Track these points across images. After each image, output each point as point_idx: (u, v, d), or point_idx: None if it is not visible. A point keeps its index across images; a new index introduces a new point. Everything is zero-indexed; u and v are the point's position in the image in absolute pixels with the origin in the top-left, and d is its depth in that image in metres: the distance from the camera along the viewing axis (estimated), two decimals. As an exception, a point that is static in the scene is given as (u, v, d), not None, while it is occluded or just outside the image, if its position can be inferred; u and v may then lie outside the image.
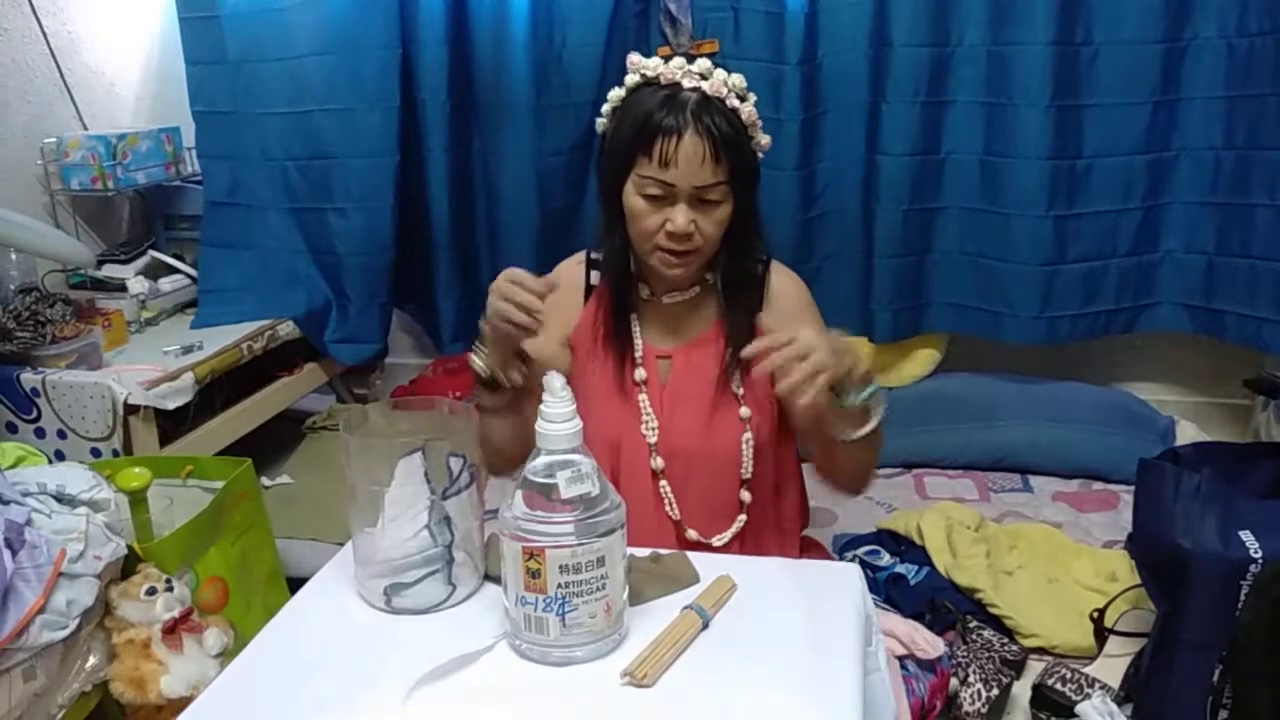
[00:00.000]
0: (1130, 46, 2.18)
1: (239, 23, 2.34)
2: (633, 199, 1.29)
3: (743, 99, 1.28)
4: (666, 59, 1.28)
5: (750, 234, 1.35)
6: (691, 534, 1.37)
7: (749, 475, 1.37)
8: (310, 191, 2.43)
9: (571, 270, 1.45)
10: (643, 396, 1.37)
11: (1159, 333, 2.43)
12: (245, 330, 2.23)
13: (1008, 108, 2.24)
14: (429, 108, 2.38)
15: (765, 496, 1.40)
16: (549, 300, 1.25)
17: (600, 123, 1.36)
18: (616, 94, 1.32)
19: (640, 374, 1.38)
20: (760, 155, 1.33)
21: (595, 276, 1.43)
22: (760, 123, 1.31)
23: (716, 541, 1.38)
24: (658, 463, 1.36)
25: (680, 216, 1.26)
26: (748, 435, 1.36)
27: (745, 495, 1.38)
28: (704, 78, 1.26)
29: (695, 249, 1.29)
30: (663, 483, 1.37)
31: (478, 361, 1.29)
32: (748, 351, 1.15)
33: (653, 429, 1.36)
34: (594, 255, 1.43)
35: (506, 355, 1.28)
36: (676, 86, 1.26)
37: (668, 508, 1.37)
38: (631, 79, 1.30)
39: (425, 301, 2.64)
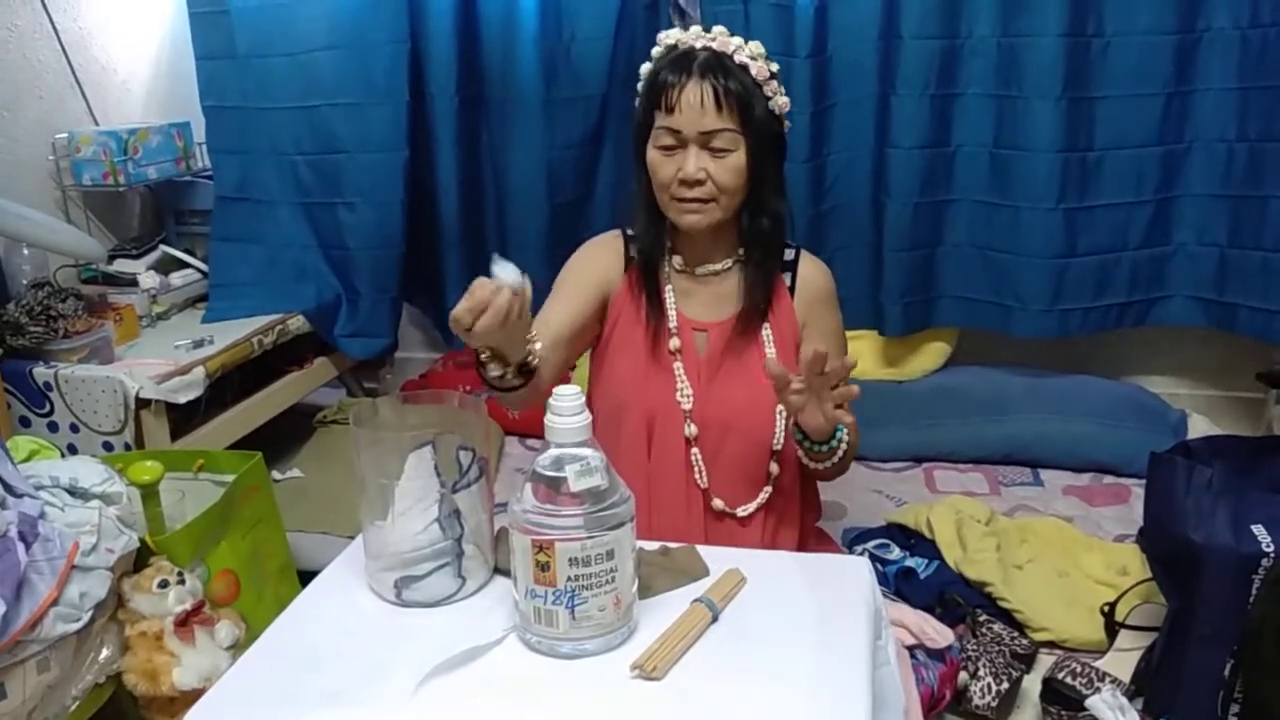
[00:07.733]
0: (1142, 38, 2.17)
1: (248, 18, 2.34)
2: (651, 153, 1.34)
3: (755, 59, 1.31)
4: (687, 29, 1.34)
5: (768, 192, 1.37)
6: (718, 503, 1.40)
7: (780, 447, 1.39)
8: (320, 186, 2.44)
9: (611, 240, 1.48)
10: (678, 365, 1.40)
11: (1171, 326, 2.41)
12: (256, 324, 2.23)
13: (1018, 100, 2.23)
14: (438, 102, 2.39)
15: (793, 470, 1.42)
16: (591, 258, 1.42)
17: (638, 100, 1.39)
18: (645, 68, 1.37)
19: (675, 343, 1.40)
20: (780, 116, 1.36)
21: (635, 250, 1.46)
22: (776, 83, 1.34)
23: (741, 512, 1.40)
24: (691, 430, 1.38)
25: (690, 162, 1.30)
26: (782, 407, 1.38)
27: (774, 467, 1.40)
28: (714, 39, 1.32)
29: (710, 197, 1.32)
30: (694, 451, 1.39)
31: (491, 372, 1.20)
32: (806, 356, 1.20)
33: (687, 396, 1.39)
34: (630, 232, 1.46)
35: (507, 342, 1.17)
36: (690, 49, 1.32)
37: (697, 475, 1.39)
38: (656, 51, 1.36)
39: (435, 295, 2.64)
